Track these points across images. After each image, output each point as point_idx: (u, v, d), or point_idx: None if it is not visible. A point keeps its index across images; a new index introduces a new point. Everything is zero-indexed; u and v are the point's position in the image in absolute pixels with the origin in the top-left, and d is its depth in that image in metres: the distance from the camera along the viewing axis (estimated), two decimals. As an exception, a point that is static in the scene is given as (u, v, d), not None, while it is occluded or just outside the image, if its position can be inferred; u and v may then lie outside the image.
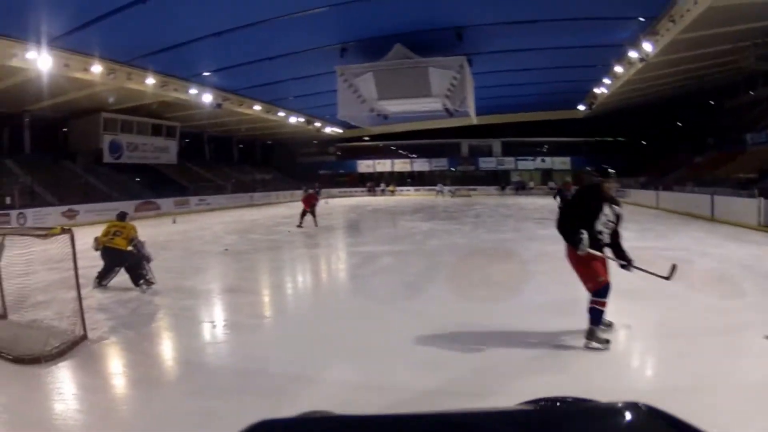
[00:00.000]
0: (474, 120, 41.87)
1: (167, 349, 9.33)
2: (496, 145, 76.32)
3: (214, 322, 10.53)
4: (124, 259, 13.11)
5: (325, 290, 14.79)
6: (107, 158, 47.92)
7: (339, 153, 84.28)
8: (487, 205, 48.33)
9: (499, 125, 65.79)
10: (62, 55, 30.15)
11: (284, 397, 6.71)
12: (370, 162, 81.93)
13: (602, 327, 8.17)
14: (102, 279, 13.13)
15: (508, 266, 16.83)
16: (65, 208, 35.63)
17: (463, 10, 27.24)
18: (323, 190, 66.16)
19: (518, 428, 0.96)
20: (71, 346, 8.63)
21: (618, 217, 8.45)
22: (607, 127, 67.65)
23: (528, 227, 27.21)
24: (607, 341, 7.94)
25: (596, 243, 8.14)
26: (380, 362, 7.94)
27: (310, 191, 30.31)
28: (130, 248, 13.21)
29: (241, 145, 74.01)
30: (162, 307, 11.72)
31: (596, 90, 46.90)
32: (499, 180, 73.64)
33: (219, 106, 44.18)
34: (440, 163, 78.71)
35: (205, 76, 39.22)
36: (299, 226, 27.90)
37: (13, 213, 31.46)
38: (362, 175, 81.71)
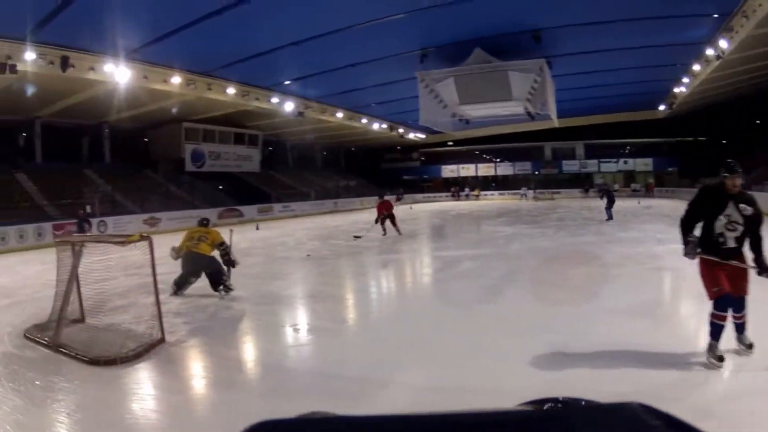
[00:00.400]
0: (556, 123, 41.55)
1: (245, 352, 9.47)
2: (579, 147, 75.33)
3: (295, 326, 10.67)
4: (208, 264, 13.07)
5: (405, 294, 14.87)
6: (189, 167, 48.83)
7: (422, 158, 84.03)
8: (570, 208, 47.84)
9: (581, 127, 65.05)
10: (141, 67, 30.98)
11: (362, 399, 6.78)
12: (453, 167, 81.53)
13: (712, 342, 7.22)
14: (180, 287, 13.14)
15: (588, 269, 16.53)
16: (147, 215, 36.66)
17: (540, 12, 27.14)
18: (407, 196, 66.41)
19: (518, 428, 0.96)
20: (148, 348, 8.82)
21: (750, 219, 7.39)
22: (687, 127, 66.03)
23: (609, 230, 26.68)
24: (721, 359, 7.08)
25: (716, 247, 7.43)
26: (457, 366, 7.90)
27: (385, 198, 29.72)
28: (213, 254, 13.25)
29: (324, 152, 74.55)
30: (241, 311, 11.94)
31: (676, 90, 46.10)
32: (582, 182, 72.49)
33: (301, 114, 44.62)
34: (524, 167, 77.90)
35: (286, 84, 39.72)
36: (383, 234, 27.20)
37: (95, 221, 32.19)
38: (446, 180, 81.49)
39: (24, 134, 40.51)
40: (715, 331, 7.15)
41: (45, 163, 40.10)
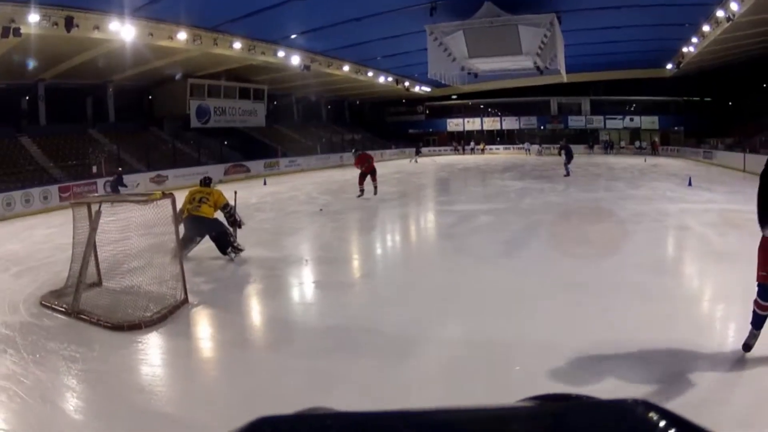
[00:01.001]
0: (564, 78, 41.40)
1: (272, 310, 9.34)
2: (585, 103, 74.46)
3: (317, 282, 10.63)
4: (211, 227, 12.52)
5: (426, 249, 14.85)
6: (194, 123, 48.43)
7: (427, 112, 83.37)
8: (577, 164, 47.80)
9: (588, 83, 65.08)
10: (146, 25, 30.63)
11: (401, 356, 6.79)
12: (458, 120, 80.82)
13: (755, 332, 6.75)
14: (182, 249, 11.49)
15: (604, 225, 16.70)
16: (153, 173, 36.36)
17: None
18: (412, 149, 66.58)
19: (517, 424, 0.94)
20: (172, 310, 8.69)
21: None
22: (694, 87, 65.40)
23: (619, 187, 26.71)
24: (748, 347, 6.64)
25: None
26: (489, 322, 7.90)
27: (365, 153, 27.13)
28: (217, 215, 12.71)
29: (329, 106, 74.01)
30: (261, 268, 11.80)
31: (684, 49, 45.86)
32: (588, 139, 72.47)
33: (307, 68, 44.25)
34: (529, 122, 77.15)
35: (292, 38, 39.44)
36: (359, 195, 24.42)
37: (100, 181, 31.79)
38: (451, 133, 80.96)
39: (27, 98, 40.01)
40: (754, 319, 6.76)
41: (49, 125, 39.76)
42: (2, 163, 31.79)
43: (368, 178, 24.87)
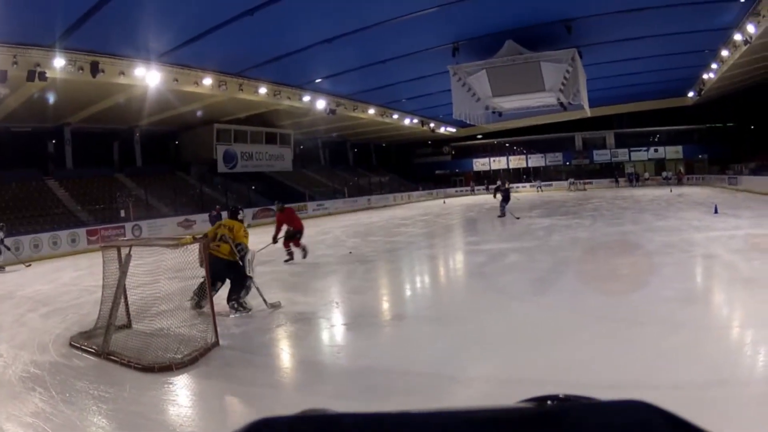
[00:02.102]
0: (588, 112, 41.34)
1: (303, 352, 9.28)
2: (610, 136, 74.80)
3: (348, 324, 10.61)
4: (228, 272, 11.53)
5: (457, 288, 14.79)
6: (221, 168, 49.16)
7: (453, 152, 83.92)
8: (603, 197, 47.75)
9: (611, 116, 65.40)
10: (171, 70, 31.20)
11: (436, 395, 6.75)
12: (485, 160, 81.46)
13: None
14: (202, 298, 11.01)
15: (632, 258, 16.60)
16: (181, 218, 36.79)
17: (571, 1, 27.18)
18: (441, 191, 66.83)
19: (517, 425, 0.96)
20: (203, 352, 8.73)
21: None
22: (716, 114, 65.81)
23: (646, 219, 26.61)
24: None
25: None
26: (524, 359, 7.91)
27: (286, 207, 20.55)
28: (237, 258, 11.43)
29: (355, 149, 74.78)
30: (293, 310, 11.70)
31: (705, 76, 45.81)
32: (614, 172, 72.43)
33: (333, 112, 44.76)
34: (555, 158, 77.67)
35: (317, 82, 39.94)
36: (287, 259, 19.27)
37: (128, 225, 32.53)
38: (478, 173, 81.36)
39: (54, 141, 40.80)
40: None
41: (75, 169, 40.60)
42: (30, 206, 32.54)
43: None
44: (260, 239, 14.01)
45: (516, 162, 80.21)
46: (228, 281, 11.72)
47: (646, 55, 37.61)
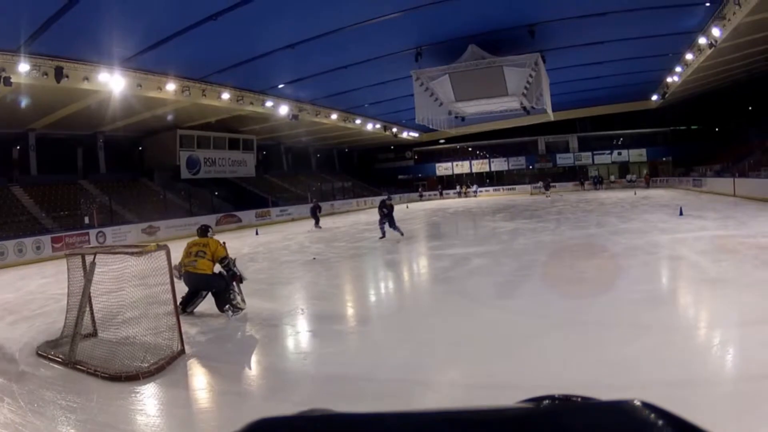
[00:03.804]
0: (551, 116, 41.57)
1: (269, 359, 9.21)
2: (573, 140, 75.69)
3: (314, 331, 10.59)
4: (210, 284, 11.93)
5: (422, 293, 14.70)
6: (185, 174, 49.16)
7: (416, 157, 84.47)
8: (568, 200, 48.09)
9: (574, 120, 66.09)
10: (134, 75, 31.10)
11: (392, 401, 6.70)
12: (447, 164, 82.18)
13: None
14: (186, 305, 11.86)
15: (598, 261, 16.61)
16: (145, 224, 36.58)
17: (534, 6, 27.38)
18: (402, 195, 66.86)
19: (517, 426, 0.95)
20: (169, 361, 8.71)
21: None
22: (680, 117, 67.14)
23: (611, 222, 26.75)
24: None
25: None
26: (491, 363, 7.87)
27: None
28: (217, 270, 12.03)
29: (318, 155, 74.86)
30: (257, 317, 11.65)
31: (668, 79, 46.46)
32: (577, 176, 73.31)
33: (295, 117, 44.77)
34: (518, 162, 78.41)
35: (280, 88, 39.98)
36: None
37: (93, 232, 32.20)
38: (441, 177, 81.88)
39: (18, 147, 40.45)
40: None
41: (40, 175, 40.26)
42: None
43: None
44: (230, 245, 13.81)
45: (479, 166, 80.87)
46: (210, 294, 12.01)
47: (610, 59, 38.16)
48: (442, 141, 76.79)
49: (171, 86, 33.32)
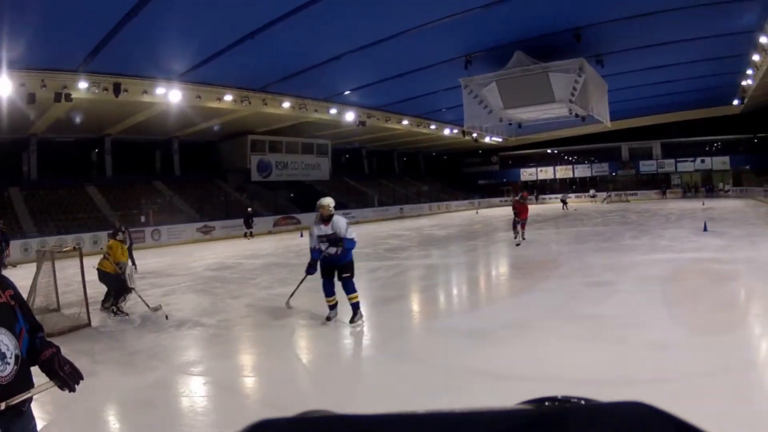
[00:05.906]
0: (608, 125, 40.86)
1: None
2: (656, 147, 73.48)
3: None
4: (109, 282, 12.82)
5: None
6: (255, 177, 50.76)
7: (500, 162, 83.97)
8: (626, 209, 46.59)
9: (659, 126, 64.54)
10: (193, 88, 32.58)
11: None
12: (532, 170, 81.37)
13: None
14: (104, 302, 12.97)
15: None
16: (201, 224, 38.11)
17: (579, 9, 27.01)
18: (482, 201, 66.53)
19: (518, 427, 0.94)
20: (72, 328, 11.11)
21: None
22: (763, 122, 63.15)
23: (623, 236, 25.11)
24: None
25: None
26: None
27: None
28: (118, 271, 12.78)
29: (404, 158, 75.43)
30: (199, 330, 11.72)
31: (743, 83, 44.22)
32: (660, 184, 71.59)
33: (363, 123, 45.69)
34: (601, 168, 76.86)
35: (345, 95, 40.82)
36: None
37: (148, 230, 34.24)
38: (525, 183, 79.96)
39: (96, 150, 43.04)
40: None
41: (115, 175, 42.52)
42: (66, 210, 34.90)
43: None
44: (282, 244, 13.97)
45: (562, 172, 79.74)
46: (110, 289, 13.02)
47: (674, 62, 36.98)
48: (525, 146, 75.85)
49: (228, 97, 34.70)
